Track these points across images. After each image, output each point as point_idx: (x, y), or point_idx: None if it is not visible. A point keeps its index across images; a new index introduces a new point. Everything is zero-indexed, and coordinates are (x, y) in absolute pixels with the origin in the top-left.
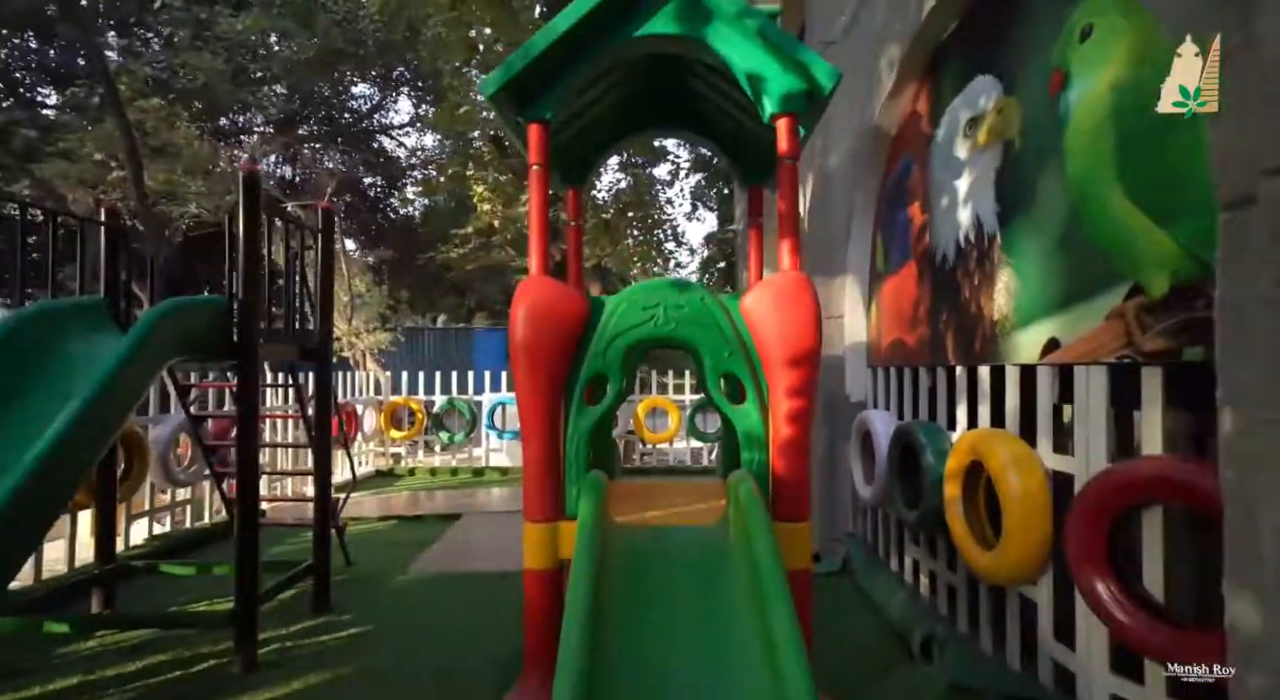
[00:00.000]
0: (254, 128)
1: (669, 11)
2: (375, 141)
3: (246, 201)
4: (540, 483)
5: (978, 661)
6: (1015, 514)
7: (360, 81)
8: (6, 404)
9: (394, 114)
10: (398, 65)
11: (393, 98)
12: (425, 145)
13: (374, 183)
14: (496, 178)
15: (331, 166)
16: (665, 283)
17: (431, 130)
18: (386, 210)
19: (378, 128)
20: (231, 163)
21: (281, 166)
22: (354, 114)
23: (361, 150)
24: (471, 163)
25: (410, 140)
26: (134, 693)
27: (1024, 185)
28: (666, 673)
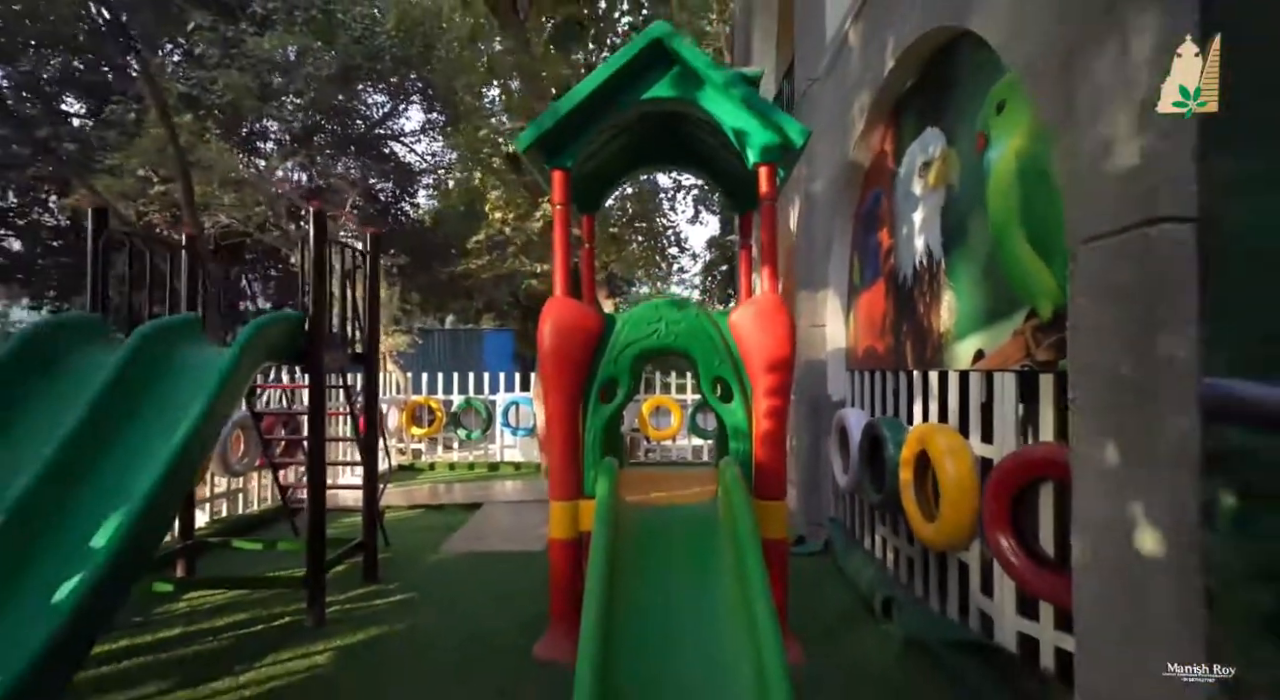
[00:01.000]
0: (270, 134)
1: (669, 80)
2: (386, 147)
3: (315, 234)
4: (564, 468)
5: (926, 617)
6: (949, 493)
7: (374, 91)
8: (142, 403)
9: (405, 121)
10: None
11: (404, 106)
12: (435, 151)
13: (385, 188)
14: (511, 196)
15: (342, 170)
16: (666, 302)
17: (442, 138)
18: (398, 215)
19: (389, 134)
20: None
21: (296, 171)
22: (366, 120)
23: (373, 156)
24: (482, 169)
25: (420, 146)
26: (228, 641)
27: (961, 223)
28: (667, 618)
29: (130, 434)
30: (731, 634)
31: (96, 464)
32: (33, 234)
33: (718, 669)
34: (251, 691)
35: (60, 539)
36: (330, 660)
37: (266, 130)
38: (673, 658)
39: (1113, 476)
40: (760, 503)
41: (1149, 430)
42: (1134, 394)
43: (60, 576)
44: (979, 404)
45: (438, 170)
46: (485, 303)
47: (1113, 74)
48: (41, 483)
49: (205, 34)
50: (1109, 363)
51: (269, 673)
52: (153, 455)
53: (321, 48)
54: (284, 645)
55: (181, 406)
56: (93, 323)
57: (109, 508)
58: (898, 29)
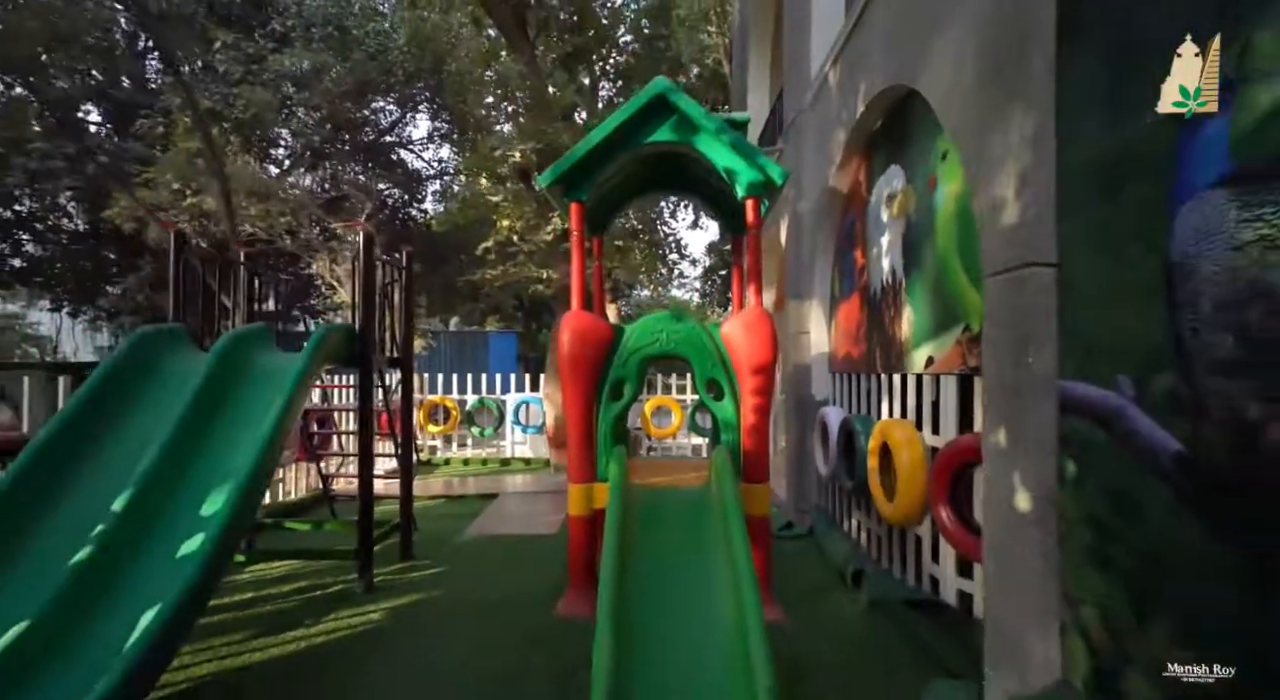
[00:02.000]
0: (282, 142)
1: (669, 127)
2: (394, 154)
3: (364, 254)
4: (580, 455)
5: (887, 582)
6: (904, 476)
7: (385, 101)
8: (229, 399)
9: (412, 128)
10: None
11: (412, 115)
12: (442, 157)
13: (395, 194)
14: (521, 209)
15: (351, 177)
16: (666, 315)
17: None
18: (405, 219)
19: (398, 142)
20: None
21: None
22: (375, 128)
23: (382, 163)
24: (492, 180)
25: (427, 153)
26: (294, 603)
27: (917, 249)
28: (666, 579)
29: (222, 426)
30: (719, 592)
31: (199, 450)
32: (56, 238)
33: (707, 619)
34: (322, 639)
35: (177, 512)
36: (382, 617)
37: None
38: (671, 610)
39: (1003, 455)
40: (746, 485)
41: (1023, 420)
42: (1015, 393)
43: (183, 540)
44: (930, 402)
45: (444, 175)
46: (490, 305)
47: (1002, 149)
48: (159, 465)
49: (229, 52)
50: (1001, 369)
51: (333, 626)
52: (246, 442)
53: (338, 64)
54: (340, 606)
55: (265, 402)
56: (178, 332)
57: (215, 486)
58: (868, 77)
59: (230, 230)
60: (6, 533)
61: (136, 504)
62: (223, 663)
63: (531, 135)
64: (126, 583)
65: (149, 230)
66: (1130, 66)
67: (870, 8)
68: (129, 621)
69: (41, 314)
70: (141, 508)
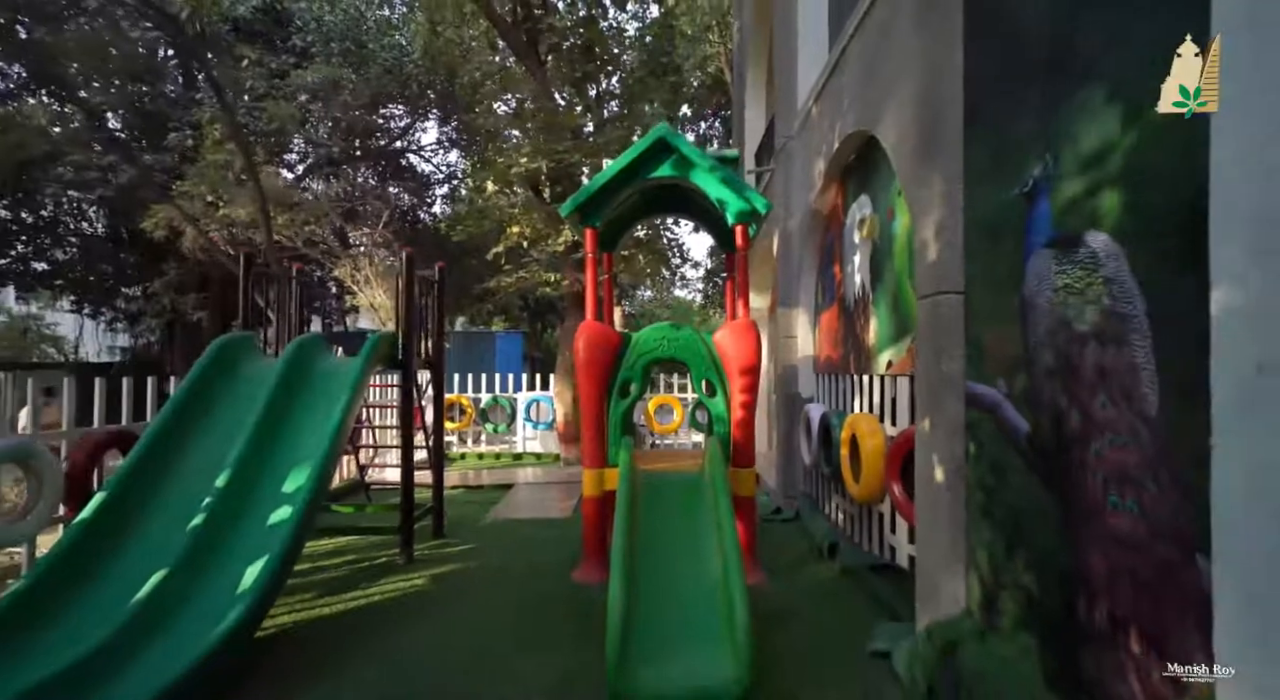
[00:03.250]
0: (295, 150)
1: (669, 164)
2: (404, 159)
3: (407, 273)
4: (594, 444)
5: (856, 553)
6: (868, 461)
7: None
8: (298, 397)
9: (421, 133)
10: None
11: (422, 121)
12: (450, 162)
13: (405, 199)
14: (531, 220)
15: (363, 182)
16: (668, 325)
17: (458, 149)
18: (415, 222)
19: (409, 147)
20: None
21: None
22: (388, 135)
23: (393, 168)
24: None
25: (435, 159)
26: (347, 572)
27: (880, 269)
28: (667, 546)
29: (295, 418)
30: (708, 554)
31: (278, 438)
32: (81, 243)
33: (698, 575)
34: (378, 598)
35: (265, 489)
36: (424, 582)
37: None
38: (670, 571)
39: (926, 439)
40: (735, 470)
41: (940, 412)
42: (935, 391)
43: (273, 511)
44: (890, 399)
45: (452, 179)
46: (497, 306)
47: (928, 202)
48: (248, 449)
49: (255, 69)
50: (926, 372)
51: (384, 589)
52: (318, 431)
53: (356, 78)
54: (387, 574)
55: (331, 397)
56: (249, 338)
57: (295, 467)
58: (842, 118)
59: (268, 241)
60: (134, 504)
61: (234, 481)
62: (299, 615)
63: (544, 154)
64: (232, 545)
65: (184, 238)
66: (1002, 156)
67: (844, 59)
68: (238, 575)
69: (60, 315)
70: (238, 485)
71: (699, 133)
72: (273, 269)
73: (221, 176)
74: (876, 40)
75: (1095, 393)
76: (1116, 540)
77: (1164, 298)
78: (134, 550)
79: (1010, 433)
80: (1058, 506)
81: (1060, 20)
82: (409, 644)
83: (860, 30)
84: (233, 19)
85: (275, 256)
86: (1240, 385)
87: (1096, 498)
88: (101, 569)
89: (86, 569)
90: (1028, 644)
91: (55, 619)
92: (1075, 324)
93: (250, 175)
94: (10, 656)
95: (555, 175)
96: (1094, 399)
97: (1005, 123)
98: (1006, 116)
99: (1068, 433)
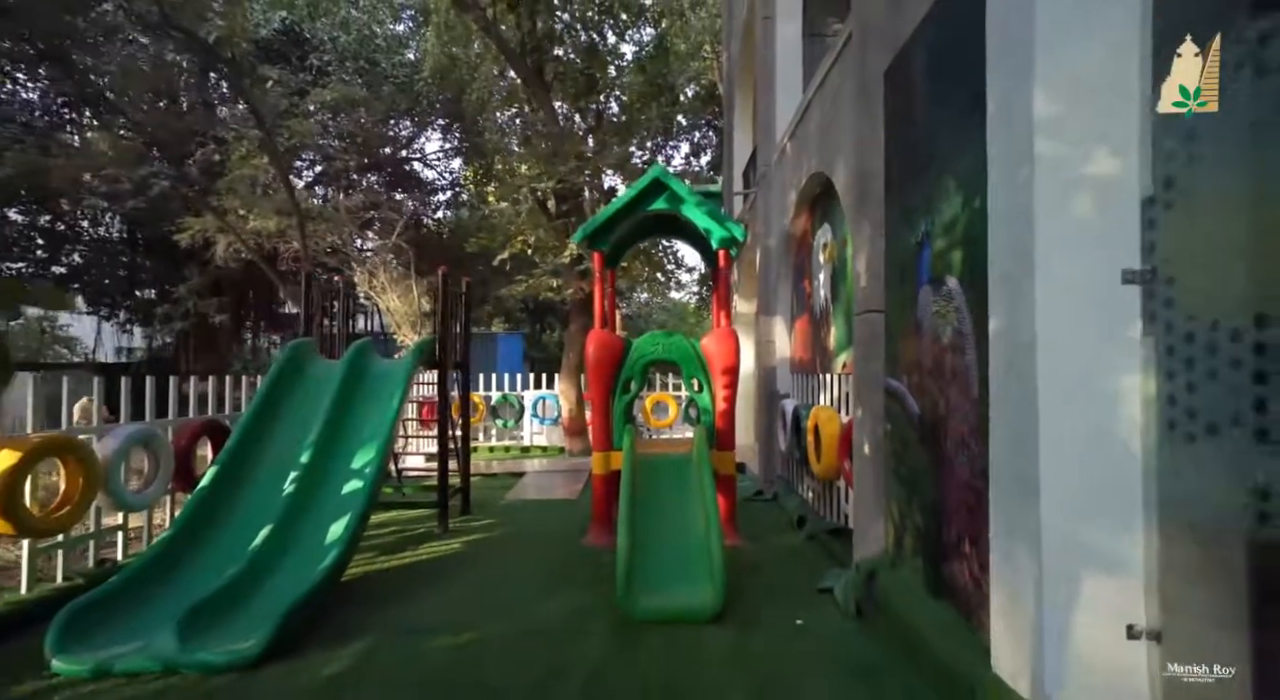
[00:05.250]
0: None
1: (663, 199)
2: (409, 166)
3: (443, 288)
4: (601, 431)
5: (819, 522)
6: (826, 443)
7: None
8: (357, 395)
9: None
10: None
11: (428, 132)
12: (453, 169)
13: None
14: (536, 231)
15: (372, 188)
16: (663, 333)
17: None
18: (419, 227)
19: (414, 156)
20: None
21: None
22: (395, 145)
23: (401, 176)
24: (496, 197)
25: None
26: (394, 539)
27: (838, 287)
28: (661, 513)
29: (358, 410)
30: (693, 518)
31: (346, 426)
32: (100, 248)
33: (685, 533)
34: (426, 557)
35: (339, 467)
36: (460, 546)
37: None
38: (663, 533)
39: (861, 423)
40: (718, 452)
41: (868, 401)
42: (865, 386)
43: (347, 484)
44: (845, 393)
45: (455, 186)
46: (499, 307)
47: (861, 241)
48: (323, 434)
49: (277, 88)
50: (860, 372)
51: (429, 551)
52: (377, 421)
53: (370, 97)
54: (428, 541)
55: (387, 393)
56: (310, 343)
57: (361, 449)
58: (808, 158)
59: (304, 251)
60: (237, 477)
61: (314, 459)
62: (366, 568)
63: (550, 176)
64: (319, 507)
65: (215, 246)
66: (906, 215)
67: (809, 111)
68: (326, 530)
69: (73, 317)
70: (317, 461)
71: (693, 141)
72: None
73: (250, 190)
74: (830, 104)
75: (950, 385)
76: (959, 483)
77: (979, 322)
78: (241, 511)
79: (910, 415)
80: (934, 465)
81: (931, 126)
82: (456, 587)
83: (819, 93)
84: (255, 41)
85: (310, 266)
86: (998, 378)
87: (951, 456)
88: (220, 523)
89: (210, 522)
90: (918, 565)
91: (193, 559)
92: (941, 338)
93: (286, 190)
94: (168, 585)
95: (561, 194)
96: (950, 389)
97: (908, 192)
98: (908, 187)
99: (938, 413)
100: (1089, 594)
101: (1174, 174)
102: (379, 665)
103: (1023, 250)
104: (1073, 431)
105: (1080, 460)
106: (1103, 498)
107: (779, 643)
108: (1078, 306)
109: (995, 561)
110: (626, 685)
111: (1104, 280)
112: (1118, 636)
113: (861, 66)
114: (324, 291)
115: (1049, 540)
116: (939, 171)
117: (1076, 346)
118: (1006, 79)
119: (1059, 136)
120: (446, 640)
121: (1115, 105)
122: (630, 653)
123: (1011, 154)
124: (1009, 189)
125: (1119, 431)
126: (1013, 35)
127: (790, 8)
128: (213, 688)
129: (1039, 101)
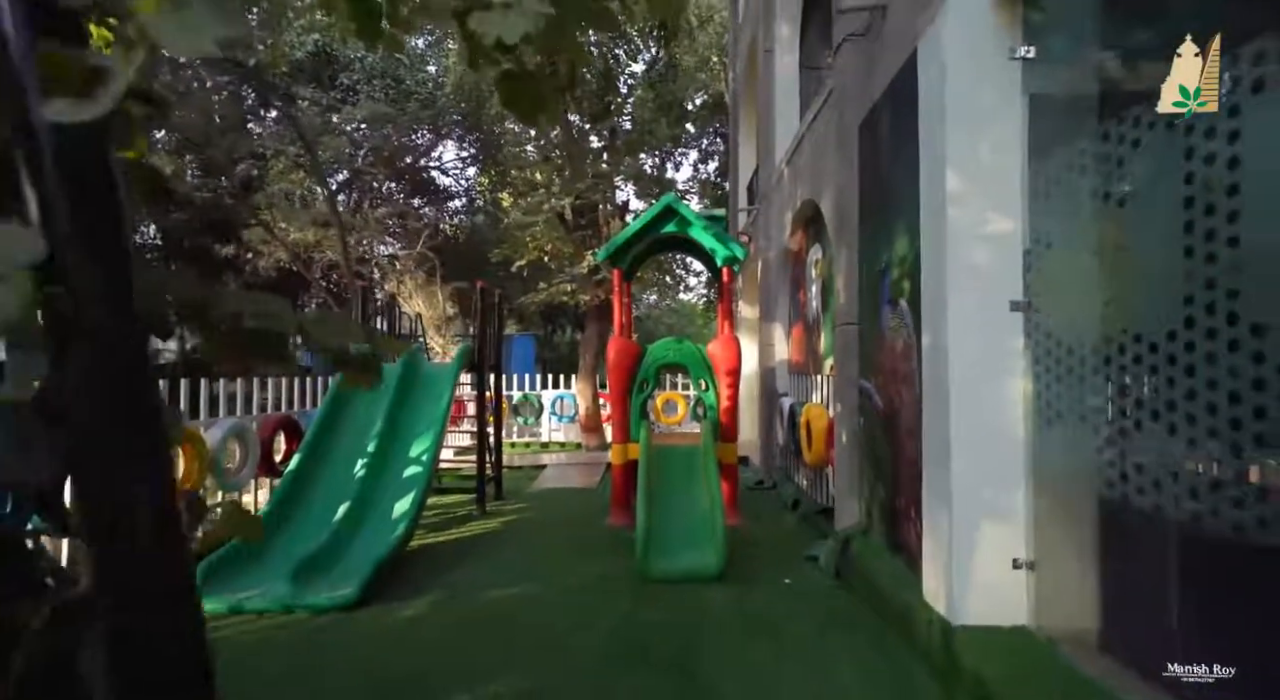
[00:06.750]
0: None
1: (673, 223)
2: (426, 173)
3: (482, 299)
4: (620, 425)
5: (809, 503)
6: (815, 435)
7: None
8: (411, 396)
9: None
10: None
11: (445, 142)
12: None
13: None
14: (555, 241)
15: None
16: (673, 340)
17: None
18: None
19: (431, 165)
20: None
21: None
22: (414, 153)
23: (418, 182)
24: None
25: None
26: (438, 520)
27: (827, 299)
28: (672, 496)
29: (413, 407)
30: (700, 499)
31: (403, 421)
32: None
33: (693, 512)
34: (469, 534)
35: (400, 455)
36: (497, 525)
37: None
38: (674, 511)
39: (840, 417)
40: (722, 444)
41: (846, 398)
42: (844, 385)
43: (408, 469)
44: (831, 392)
45: (470, 193)
46: (513, 310)
47: (840, 263)
48: (385, 428)
49: (311, 107)
50: (840, 373)
51: (471, 529)
52: (430, 417)
53: (396, 113)
54: (467, 521)
55: (436, 393)
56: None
57: (418, 439)
58: (801, 186)
59: (346, 263)
60: (315, 463)
61: (379, 448)
62: (420, 542)
63: (569, 193)
64: (386, 487)
65: (261, 257)
66: (874, 244)
67: (802, 143)
68: (393, 507)
69: None
70: (382, 449)
71: (701, 148)
72: (351, 286)
73: (289, 204)
74: (820, 140)
75: (903, 385)
76: (908, 462)
77: (919, 336)
78: (322, 490)
79: (877, 410)
80: (892, 449)
81: (890, 176)
82: (499, 555)
83: (810, 131)
84: (292, 62)
85: (352, 277)
86: (927, 379)
87: (903, 441)
88: (306, 500)
89: (297, 499)
90: (882, 530)
91: (289, 528)
92: (895, 347)
93: (330, 205)
94: (271, 548)
95: (578, 209)
96: (902, 389)
97: (875, 227)
98: (875, 224)
99: (895, 408)
100: (985, 537)
101: (1040, 233)
102: (447, 611)
103: (940, 283)
104: (974, 419)
105: (979, 439)
106: (995, 466)
107: (770, 597)
108: (978, 327)
109: (925, 518)
110: (646, 628)
111: (997, 308)
112: (1005, 567)
113: (841, 117)
114: (365, 299)
115: (958, 499)
116: (895, 215)
117: (976, 356)
118: (929, 159)
119: (964, 205)
120: (498, 593)
121: (1003, 183)
122: (648, 604)
123: (933, 212)
124: (933, 237)
125: (1006, 418)
126: (932, 127)
127: (788, 41)
128: (321, 624)
129: (950, 179)
